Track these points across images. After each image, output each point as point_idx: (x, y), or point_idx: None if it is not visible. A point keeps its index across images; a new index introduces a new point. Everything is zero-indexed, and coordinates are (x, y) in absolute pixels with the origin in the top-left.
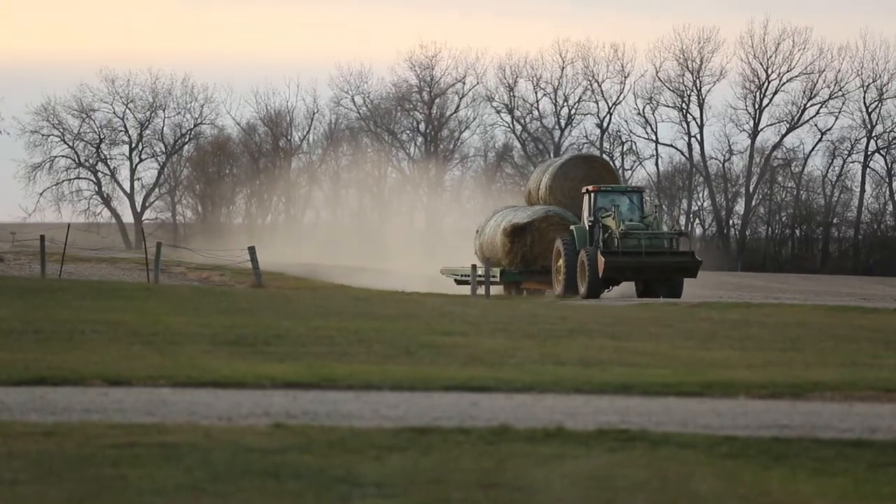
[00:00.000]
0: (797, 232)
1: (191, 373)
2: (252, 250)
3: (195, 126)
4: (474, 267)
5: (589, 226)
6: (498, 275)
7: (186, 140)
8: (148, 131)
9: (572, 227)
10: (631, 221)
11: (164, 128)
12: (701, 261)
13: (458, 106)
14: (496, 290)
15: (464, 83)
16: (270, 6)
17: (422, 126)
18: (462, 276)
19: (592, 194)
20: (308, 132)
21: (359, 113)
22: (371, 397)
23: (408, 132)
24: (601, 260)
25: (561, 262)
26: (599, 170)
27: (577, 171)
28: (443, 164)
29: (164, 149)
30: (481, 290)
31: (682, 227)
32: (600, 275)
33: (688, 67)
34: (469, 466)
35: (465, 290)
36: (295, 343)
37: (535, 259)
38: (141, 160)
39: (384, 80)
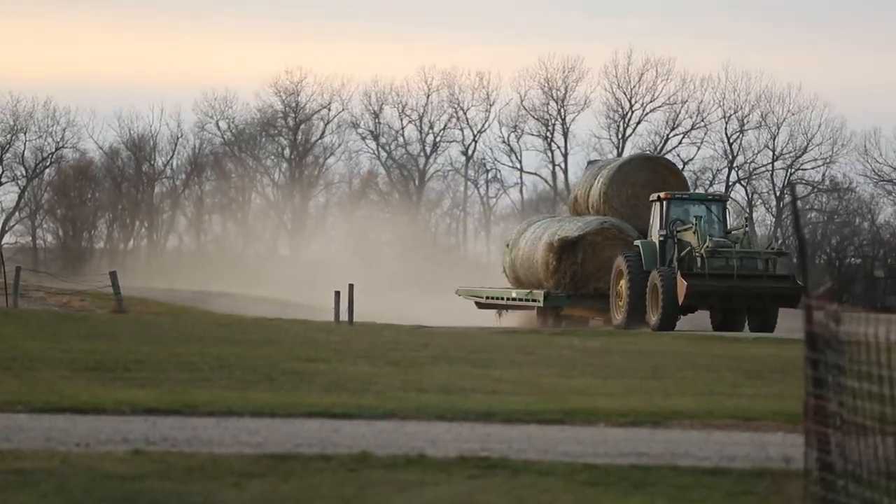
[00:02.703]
0: None
1: (49, 398)
2: (114, 275)
3: (57, 150)
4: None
5: (660, 241)
6: (541, 299)
7: (48, 164)
8: (8, 154)
9: (637, 242)
10: (715, 237)
11: (25, 151)
12: (803, 286)
13: (323, 132)
14: (519, 317)
15: (329, 109)
16: (134, 30)
17: (286, 152)
18: (487, 298)
19: (665, 203)
20: (172, 157)
21: (223, 138)
22: (231, 423)
23: (272, 158)
24: (682, 283)
25: (623, 284)
26: (664, 174)
27: (639, 175)
28: (307, 190)
29: (24, 172)
30: (509, 318)
31: (781, 246)
32: (680, 301)
33: (552, 96)
34: (329, 493)
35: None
36: (155, 369)
37: (586, 280)
38: (1, 184)
39: (249, 106)
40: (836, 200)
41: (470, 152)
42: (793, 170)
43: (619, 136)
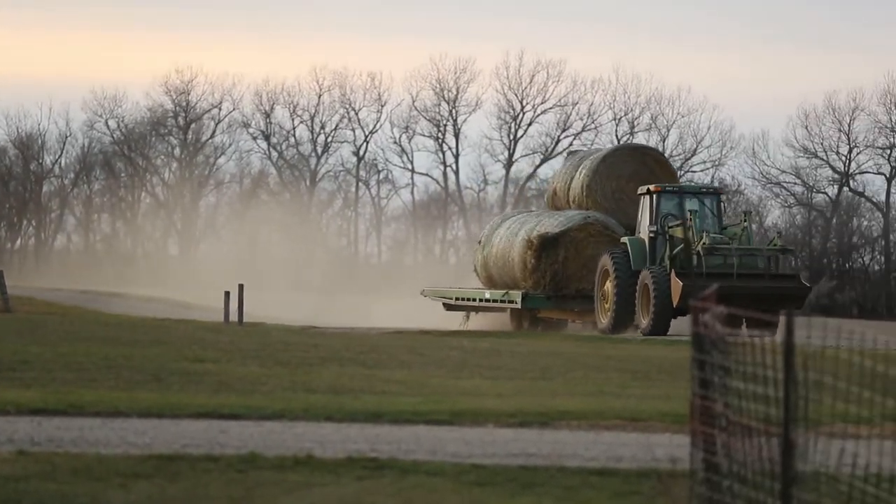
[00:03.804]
0: None
1: None
2: (0, 274)
3: None
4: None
5: (650, 237)
6: (518, 300)
7: None
8: None
9: (625, 239)
10: (712, 233)
11: None
12: (810, 287)
13: (213, 131)
14: (490, 320)
15: (220, 109)
16: (22, 26)
17: (177, 151)
18: (457, 299)
19: (655, 196)
20: (60, 156)
21: (112, 137)
22: (118, 424)
23: (162, 157)
24: (677, 283)
25: (609, 284)
26: (652, 165)
27: (625, 167)
28: (198, 189)
29: None
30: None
31: (784, 242)
32: (675, 303)
33: (444, 97)
34: (217, 494)
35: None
36: (42, 369)
37: (567, 280)
38: None
39: (139, 105)
40: (725, 203)
41: (361, 153)
42: (682, 172)
43: (511, 137)
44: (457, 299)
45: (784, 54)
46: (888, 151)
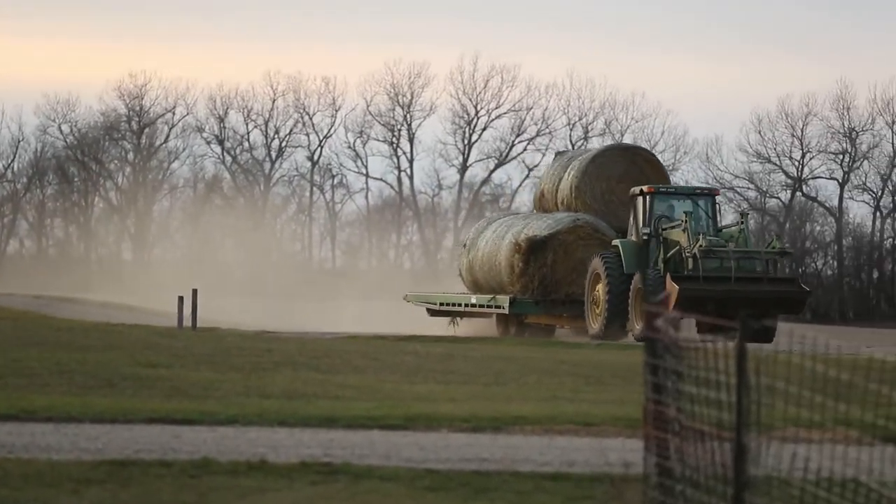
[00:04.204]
0: None
1: None
2: None
3: None
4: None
5: (644, 240)
6: (506, 305)
7: None
8: None
9: (616, 241)
10: (708, 236)
11: None
12: (810, 291)
13: (167, 136)
14: (475, 325)
15: (173, 113)
16: None
17: (130, 156)
18: (441, 304)
19: (648, 197)
20: (13, 160)
21: (66, 142)
22: (71, 429)
23: (116, 162)
24: (673, 287)
25: (601, 288)
26: (643, 165)
27: (615, 167)
28: (151, 194)
29: None
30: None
31: (784, 244)
32: (670, 308)
33: (398, 102)
34: (169, 499)
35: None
36: None
37: (556, 284)
38: None
39: (92, 109)
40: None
41: (315, 157)
42: None
43: (465, 142)
44: (441, 304)
45: (737, 60)
46: (841, 157)
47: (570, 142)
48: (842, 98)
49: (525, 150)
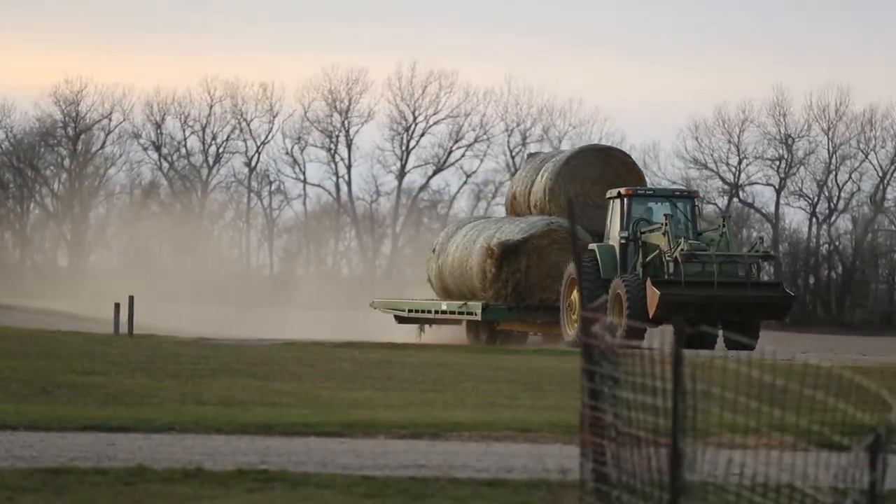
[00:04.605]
0: None
1: None
2: None
3: None
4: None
5: (621, 244)
6: (478, 311)
7: None
8: None
9: (592, 245)
10: (689, 239)
11: None
12: (794, 295)
13: (104, 142)
14: (444, 333)
15: (110, 119)
16: None
17: (66, 162)
18: (410, 311)
19: (626, 200)
20: None
21: (1, 148)
22: (5, 437)
23: (52, 168)
24: (654, 292)
25: (576, 294)
26: (618, 167)
27: (590, 169)
28: (88, 200)
29: None
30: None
31: (768, 247)
32: (650, 314)
33: (336, 108)
34: None
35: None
36: None
37: (530, 290)
38: None
39: (28, 115)
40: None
41: (253, 164)
42: None
43: (403, 148)
44: (410, 311)
45: (674, 66)
46: (777, 163)
47: (508, 147)
48: (778, 105)
49: (463, 156)
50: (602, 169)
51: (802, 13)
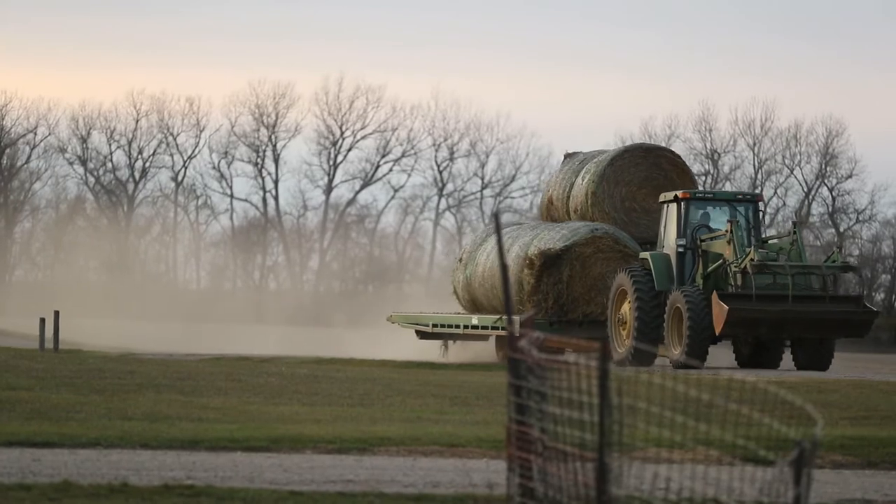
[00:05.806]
0: (370, 287)
1: None
2: None
3: None
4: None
5: (679, 252)
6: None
7: None
8: None
9: (644, 254)
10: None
11: None
12: (877, 312)
13: (29, 157)
14: (469, 350)
15: (35, 134)
16: None
17: None
18: (434, 326)
19: (683, 204)
20: None
21: None
22: None
23: None
24: (721, 307)
25: (628, 307)
26: (668, 169)
27: (637, 171)
28: (13, 215)
29: None
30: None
31: (849, 259)
32: (717, 330)
33: (263, 122)
34: None
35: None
36: None
37: (573, 303)
38: None
39: None
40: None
41: (180, 178)
42: (501, 198)
43: (331, 162)
44: (434, 326)
45: (601, 81)
46: (703, 178)
47: (436, 162)
48: (704, 120)
49: (391, 170)
50: (649, 171)
51: (728, 28)
